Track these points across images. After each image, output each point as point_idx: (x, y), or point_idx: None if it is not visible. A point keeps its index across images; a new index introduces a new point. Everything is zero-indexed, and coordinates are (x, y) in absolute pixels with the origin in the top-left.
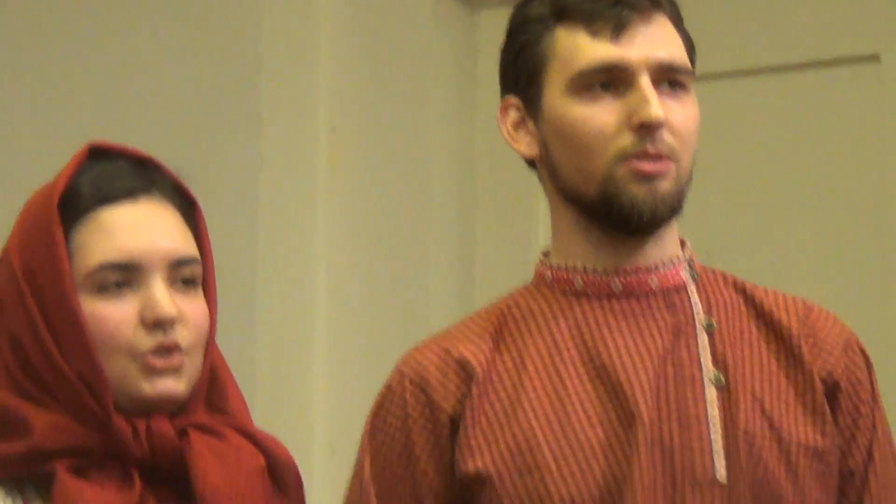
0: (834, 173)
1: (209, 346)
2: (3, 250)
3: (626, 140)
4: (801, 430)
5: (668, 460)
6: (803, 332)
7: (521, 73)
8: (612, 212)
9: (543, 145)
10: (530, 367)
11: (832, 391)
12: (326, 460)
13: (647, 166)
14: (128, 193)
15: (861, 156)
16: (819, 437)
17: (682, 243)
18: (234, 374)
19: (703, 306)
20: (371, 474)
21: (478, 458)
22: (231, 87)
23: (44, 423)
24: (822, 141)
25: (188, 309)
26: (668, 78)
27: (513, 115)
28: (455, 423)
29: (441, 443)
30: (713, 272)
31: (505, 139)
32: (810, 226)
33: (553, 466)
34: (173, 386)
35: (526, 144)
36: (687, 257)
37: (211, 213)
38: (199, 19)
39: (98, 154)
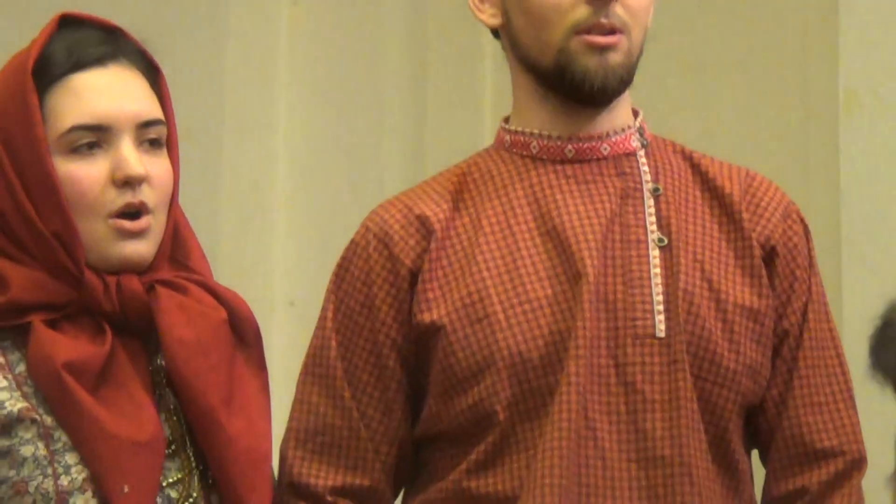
0: (760, 41)
1: (173, 205)
2: None
3: (581, 12)
4: (738, 291)
5: (612, 316)
6: (745, 200)
7: None
8: (566, 81)
9: (506, 16)
10: (486, 226)
11: (769, 256)
12: (286, 313)
13: (600, 39)
14: (97, 60)
15: (786, 25)
16: (755, 299)
17: (636, 112)
18: (199, 231)
19: (651, 172)
20: (333, 324)
21: (433, 310)
22: None
23: (21, 279)
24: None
25: (154, 169)
26: None
27: None
28: (414, 277)
29: (400, 295)
30: (663, 141)
31: (470, 9)
32: (736, 93)
33: (502, 318)
34: (142, 248)
35: (490, 15)
36: (638, 125)
37: (180, 80)
38: None
39: (68, 23)
